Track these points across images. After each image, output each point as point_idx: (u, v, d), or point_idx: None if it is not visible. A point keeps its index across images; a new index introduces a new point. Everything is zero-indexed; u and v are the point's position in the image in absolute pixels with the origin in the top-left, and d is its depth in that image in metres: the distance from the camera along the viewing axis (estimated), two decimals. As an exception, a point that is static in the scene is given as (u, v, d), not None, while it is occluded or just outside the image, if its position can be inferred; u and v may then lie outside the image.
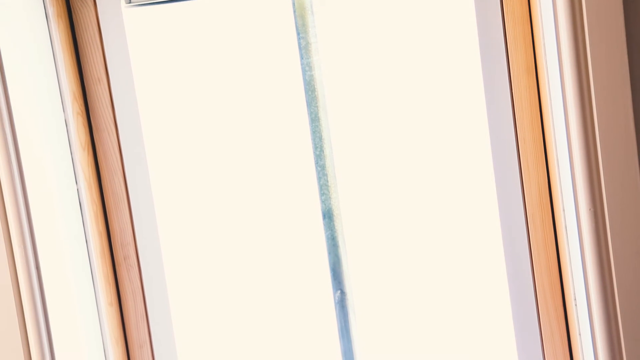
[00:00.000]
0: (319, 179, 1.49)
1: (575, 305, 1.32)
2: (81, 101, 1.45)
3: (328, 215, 1.50)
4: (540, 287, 1.38)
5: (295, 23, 1.46)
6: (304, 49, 1.47)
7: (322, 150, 1.49)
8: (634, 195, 1.12)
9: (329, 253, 1.50)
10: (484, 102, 1.37)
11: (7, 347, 1.26)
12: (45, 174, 1.33)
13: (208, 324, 1.54)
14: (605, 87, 1.12)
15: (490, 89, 1.37)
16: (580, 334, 1.31)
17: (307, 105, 1.48)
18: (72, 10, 1.43)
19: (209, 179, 1.52)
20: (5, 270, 1.26)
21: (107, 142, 1.46)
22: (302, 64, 1.47)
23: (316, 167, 1.49)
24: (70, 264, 1.37)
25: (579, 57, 1.12)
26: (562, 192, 1.30)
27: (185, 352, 1.52)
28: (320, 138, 1.49)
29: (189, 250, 1.53)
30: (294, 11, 1.45)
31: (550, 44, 1.23)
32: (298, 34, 1.46)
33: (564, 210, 1.30)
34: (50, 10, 1.39)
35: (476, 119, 1.42)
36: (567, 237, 1.30)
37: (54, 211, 1.34)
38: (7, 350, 1.26)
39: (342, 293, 1.49)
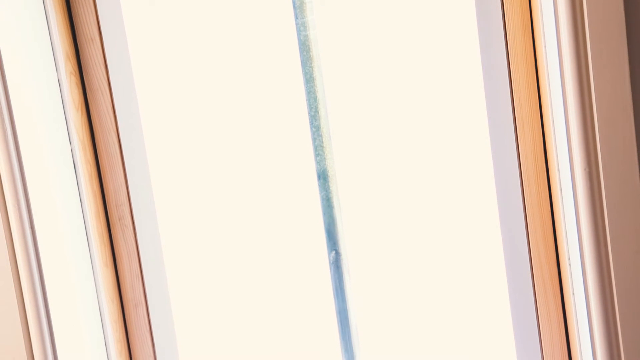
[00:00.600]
0: (314, 139, 1.49)
1: (569, 264, 1.33)
2: (74, 61, 1.44)
3: (323, 176, 1.50)
4: (535, 248, 1.38)
5: (290, -19, 1.45)
6: (299, 9, 1.45)
7: (317, 111, 1.48)
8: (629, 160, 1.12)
9: (324, 214, 1.50)
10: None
11: (1, 307, 1.26)
12: (38, 135, 1.32)
13: (203, 282, 1.55)
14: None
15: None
16: (574, 294, 1.32)
17: (301, 65, 1.47)
18: (64, -32, 1.42)
19: (203, 138, 1.51)
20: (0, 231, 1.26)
21: (100, 102, 1.45)
22: (296, 24, 1.46)
23: (311, 128, 1.49)
24: (65, 225, 1.37)
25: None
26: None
27: (180, 312, 1.53)
28: (315, 99, 1.48)
29: (183, 210, 1.53)
30: (289, -30, 1.44)
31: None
32: (293, -7, 1.45)
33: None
34: (42, -32, 1.37)
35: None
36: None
37: (48, 171, 1.33)
38: (1, 309, 1.26)
39: (337, 253, 1.50)
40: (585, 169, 1.15)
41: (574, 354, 1.37)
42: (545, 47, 1.28)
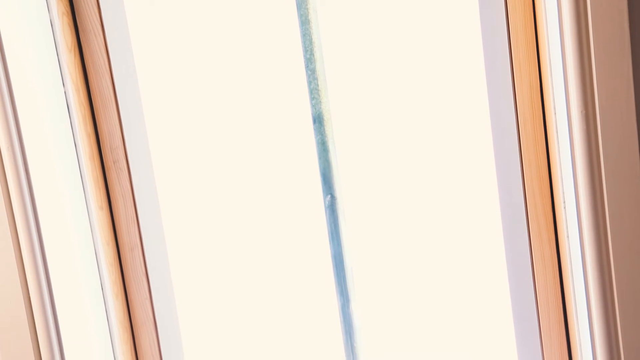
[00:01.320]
0: (309, 83, 1.48)
1: (564, 207, 1.33)
2: (66, 1, 1.42)
3: (318, 120, 1.49)
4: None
5: None
6: (294, -51, 1.43)
7: (312, 54, 1.47)
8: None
9: (319, 158, 1.50)
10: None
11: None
12: (31, 77, 1.31)
13: (198, 226, 1.55)
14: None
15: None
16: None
17: (297, 7, 1.45)
18: None
19: (198, 81, 1.50)
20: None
21: (94, 44, 1.44)
22: (291, -36, 1.44)
23: (306, 71, 1.47)
24: (59, 168, 1.36)
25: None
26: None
27: (176, 255, 1.53)
28: (311, 41, 1.46)
29: (179, 153, 1.52)
30: None
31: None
32: None
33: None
34: None
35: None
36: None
37: (41, 114, 1.33)
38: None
39: (332, 197, 1.50)
40: (582, 111, 1.14)
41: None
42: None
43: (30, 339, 1.28)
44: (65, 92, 1.41)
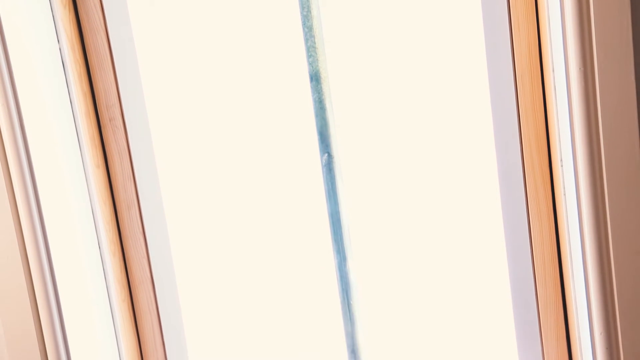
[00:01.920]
0: (306, 40, 1.47)
1: (562, 166, 1.33)
2: (60, -44, 1.40)
3: (315, 78, 1.48)
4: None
5: None
6: None
7: (309, 11, 1.46)
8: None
9: (316, 116, 1.49)
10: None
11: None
12: (25, 34, 1.29)
13: (195, 183, 1.55)
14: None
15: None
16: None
17: (294, -37, 1.43)
18: None
19: (194, 39, 1.49)
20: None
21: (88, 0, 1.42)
22: None
23: (303, 29, 1.46)
24: (55, 125, 1.35)
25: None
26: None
27: (173, 212, 1.53)
28: (308, -2, 1.45)
29: (175, 110, 1.52)
30: None
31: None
32: None
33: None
34: None
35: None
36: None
37: (36, 71, 1.31)
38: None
39: (329, 156, 1.49)
40: (580, 68, 1.14)
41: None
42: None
43: (29, 298, 1.29)
44: (60, 49, 1.40)
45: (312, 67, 1.48)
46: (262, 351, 1.60)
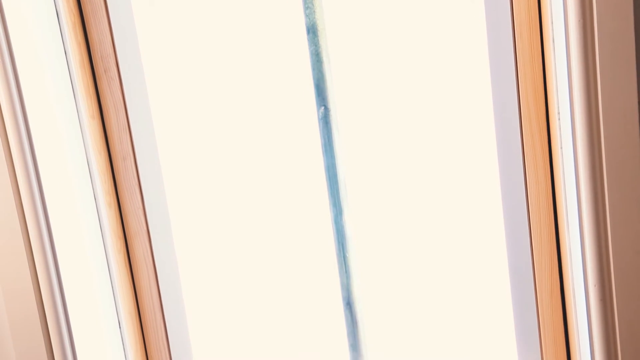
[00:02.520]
0: (303, -9, 1.45)
1: (559, 119, 1.32)
2: None
3: (312, 30, 1.47)
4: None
5: None
6: None
7: (306, -38, 1.44)
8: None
9: (313, 69, 1.48)
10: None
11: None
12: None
13: (190, 135, 1.54)
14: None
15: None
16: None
17: None
18: None
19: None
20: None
21: (82, -52, 1.40)
22: None
23: (300, -20, 1.45)
24: (50, 76, 1.34)
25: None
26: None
27: (169, 165, 1.52)
28: (305, -52, 1.43)
29: (170, 60, 1.51)
30: None
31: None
32: None
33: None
34: None
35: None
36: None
37: (30, 22, 1.30)
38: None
39: (326, 109, 1.49)
40: (579, 20, 1.13)
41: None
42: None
43: (24, 248, 1.29)
44: (54, -1, 1.38)
45: (309, 19, 1.46)
46: (255, 302, 1.60)
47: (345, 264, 1.53)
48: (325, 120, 1.49)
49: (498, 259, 1.47)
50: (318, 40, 1.47)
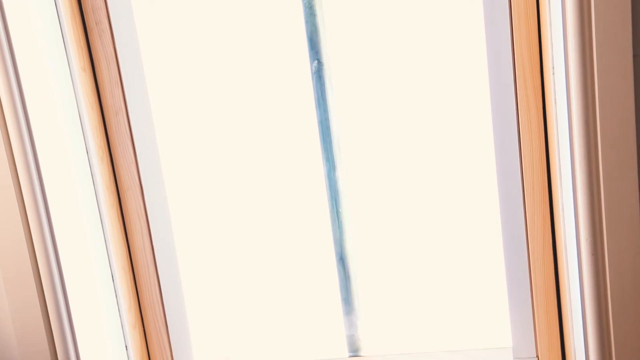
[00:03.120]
0: (297, -57, 1.43)
1: (553, 73, 1.32)
2: None
3: (305, -17, 1.45)
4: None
5: None
6: None
7: None
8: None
9: (306, 22, 1.47)
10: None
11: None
12: None
13: (182, 89, 1.54)
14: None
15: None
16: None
17: None
18: None
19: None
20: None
21: None
22: None
23: None
24: (40, 27, 1.33)
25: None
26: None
27: (161, 120, 1.52)
28: None
29: (163, 14, 1.49)
30: None
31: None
32: None
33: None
34: None
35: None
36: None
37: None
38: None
39: (319, 63, 1.48)
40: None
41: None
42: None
43: (16, 199, 1.29)
44: (43, -51, 1.36)
45: (302, -29, 1.45)
46: (249, 256, 1.61)
47: (338, 219, 1.54)
48: (319, 75, 1.48)
49: (491, 215, 1.47)
50: (311, -7, 1.46)
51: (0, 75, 1.25)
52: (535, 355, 1.47)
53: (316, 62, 1.48)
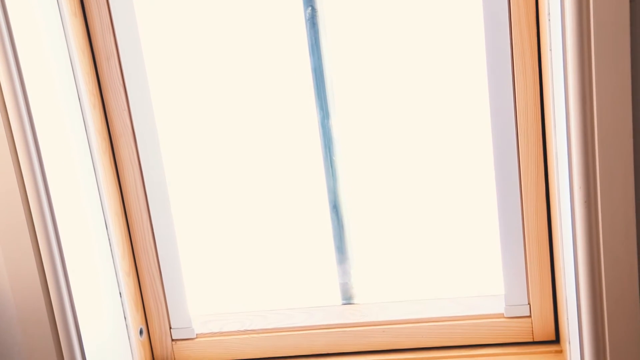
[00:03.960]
0: None
1: (549, 20, 1.30)
2: None
3: None
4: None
5: None
6: None
7: None
8: None
9: (300, -33, 1.45)
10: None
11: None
12: None
13: (174, 36, 1.52)
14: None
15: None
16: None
17: None
18: None
19: None
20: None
21: None
22: None
23: None
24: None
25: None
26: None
27: (153, 66, 1.50)
28: None
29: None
30: None
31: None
32: None
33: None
34: None
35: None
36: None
37: None
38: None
39: (313, 9, 1.46)
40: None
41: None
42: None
43: (9, 149, 1.28)
44: None
45: None
46: (242, 205, 1.61)
47: (331, 167, 1.53)
48: (313, 22, 1.47)
49: (485, 164, 1.47)
50: (305, -63, 1.44)
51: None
52: (527, 302, 1.48)
53: (310, 8, 1.46)
